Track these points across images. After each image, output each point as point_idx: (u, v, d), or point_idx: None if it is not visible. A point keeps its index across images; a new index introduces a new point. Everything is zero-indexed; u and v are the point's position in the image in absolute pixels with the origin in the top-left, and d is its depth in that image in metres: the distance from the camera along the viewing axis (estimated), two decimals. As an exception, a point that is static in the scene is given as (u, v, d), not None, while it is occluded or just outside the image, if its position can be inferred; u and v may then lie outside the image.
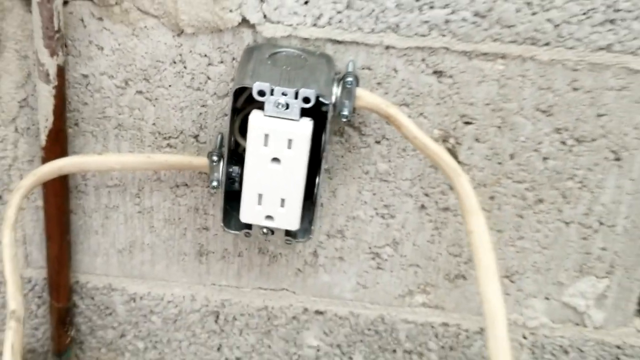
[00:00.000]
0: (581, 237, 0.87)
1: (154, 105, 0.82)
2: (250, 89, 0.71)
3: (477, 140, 0.82)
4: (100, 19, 0.77)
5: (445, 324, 0.95)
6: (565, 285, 0.91)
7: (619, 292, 0.91)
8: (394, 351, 0.97)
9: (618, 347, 0.95)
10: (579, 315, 0.93)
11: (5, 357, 0.72)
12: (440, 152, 0.76)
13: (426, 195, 0.86)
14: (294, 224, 0.77)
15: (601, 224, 0.87)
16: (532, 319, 0.93)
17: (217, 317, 0.96)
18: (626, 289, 0.91)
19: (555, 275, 0.90)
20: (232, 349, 0.99)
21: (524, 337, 0.95)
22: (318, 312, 0.95)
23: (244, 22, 0.77)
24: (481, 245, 0.73)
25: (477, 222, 0.74)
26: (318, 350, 0.98)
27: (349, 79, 0.75)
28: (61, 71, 0.77)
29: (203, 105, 0.82)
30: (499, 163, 0.84)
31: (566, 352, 0.95)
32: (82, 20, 0.77)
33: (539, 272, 0.90)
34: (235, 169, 0.78)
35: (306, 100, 0.71)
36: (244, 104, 0.76)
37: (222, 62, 0.79)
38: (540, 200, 0.86)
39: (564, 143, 0.82)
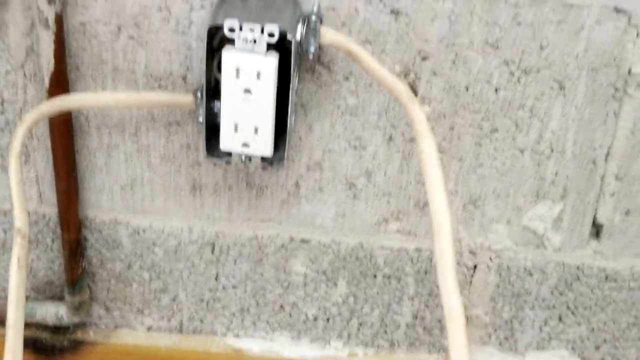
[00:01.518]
0: (535, 163, 0.96)
1: (145, 50, 0.92)
2: (222, 27, 0.81)
3: (434, 74, 0.92)
4: (93, -30, 0.88)
5: (418, 249, 1.04)
6: (524, 210, 1.00)
7: (573, 216, 1.00)
8: (375, 276, 1.06)
9: (577, 267, 1.03)
10: (538, 238, 1.02)
11: (12, 267, 0.83)
12: (394, 81, 0.85)
13: (393, 127, 0.95)
14: (267, 150, 0.87)
15: (552, 150, 0.95)
16: (496, 243, 1.02)
17: (213, 247, 1.06)
18: (580, 212, 0.99)
19: (514, 201, 0.99)
20: (228, 278, 1.09)
21: (490, 260, 1.04)
22: (303, 241, 1.05)
23: (219, -31, 0.87)
24: (429, 163, 0.82)
25: (426, 142, 0.83)
26: (305, 276, 1.07)
27: (313, 17, 0.84)
28: (59, 18, 0.87)
29: (188, 48, 0.92)
30: (456, 95, 0.93)
31: (530, 273, 1.04)
32: (77, -29, 0.88)
33: (499, 197, 0.99)
34: (216, 103, 0.88)
35: (271, 35, 0.80)
36: (220, 43, 0.85)
37: (202, 7, 0.89)
38: (495, 129, 0.94)
39: (512, 74, 0.91)
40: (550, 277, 1.04)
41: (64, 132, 0.96)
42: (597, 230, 1.01)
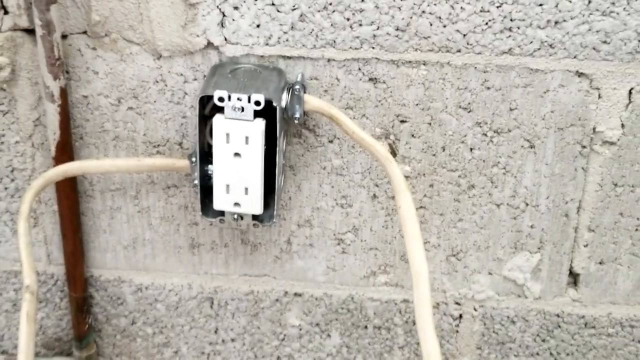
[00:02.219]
0: (511, 216, 1.02)
1: (143, 119, 1.00)
2: (212, 97, 0.88)
3: (412, 135, 0.98)
4: (94, 48, 0.95)
5: (406, 301, 1.10)
6: (503, 260, 1.05)
7: (550, 265, 1.05)
8: (366, 327, 1.12)
9: (557, 315, 1.09)
10: (519, 288, 1.07)
11: (21, 321, 0.89)
12: (373, 143, 0.92)
13: (376, 185, 1.02)
14: (257, 209, 0.94)
15: (527, 204, 1.01)
16: (479, 293, 1.08)
17: (212, 302, 1.12)
18: (557, 262, 1.05)
19: (494, 252, 1.05)
20: (227, 331, 1.14)
21: (475, 309, 1.09)
22: (297, 295, 1.11)
23: (209, 44, 0.94)
24: (407, 217, 0.89)
25: (404, 198, 0.89)
26: (300, 329, 1.13)
27: (297, 86, 0.92)
28: (64, 92, 0.95)
29: (183, 117, 0.99)
30: (434, 155, 0.99)
31: (513, 322, 1.09)
32: (79, 50, 0.96)
33: (479, 249, 1.05)
34: (210, 167, 0.95)
35: (257, 103, 0.88)
36: (211, 111, 0.93)
37: (195, 79, 0.96)
38: (473, 186, 1.01)
39: (485, 135, 0.97)
40: (533, 324, 1.09)
41: (69, 196, 1.03)
42: (574, 279, 1.07)
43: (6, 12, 0.94)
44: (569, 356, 1.11)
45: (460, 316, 1.10)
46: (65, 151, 0.99)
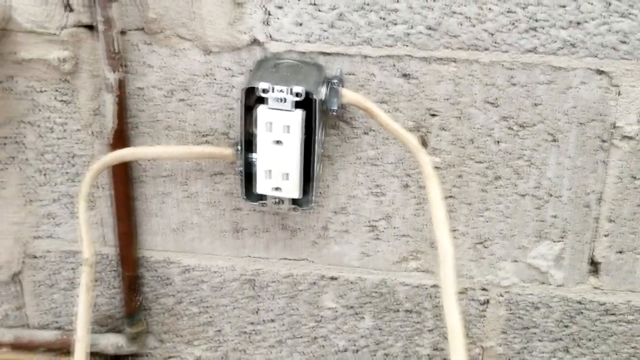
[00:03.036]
0: (535, 206, 1.08)
1: (193, 110, 1.08)
2: (257, 88, 0.96)
3: (442, 129, 1.05)
4: (150, 43, 1.04)
5: (435, 286, 1.16)
6: (528, 248, 1.12)
7: (572, 254, 1.11)
8: (397, 310, 1.19)
9: (579, 302, 1.14)
10: (542, 275, 1.13)
11: (80, 292, 0.98)
12: (404, 134, 0.99)
13: (408, 175, 1.09)
14: (295, 193, 1.01)
15: (550, 195, 1.07)
16: (504, 279, 1.14)
17: (253, 284, 1.20)
18: (578, 250, 1.11)
19: (519, 241, 1.11)
20: (267, 312, 1.22)
21: (500, 295, 1.15)
22: (332, 278, 1.18)
23: (255, 41, 1.02)
24: (435, 202, 0.96)
25: (432, 185, 0.96)
26: (335, 311, 1.20)
27: (335, 81, 0.99)
28: (121, 84, 1.04)
29: (229, 109, 1.07)
30: (462, 147, 1.06)
31: (537, 307, 1.16)
32: (136, 45, 1.04)
33: (505, 238, 1.11)
34: (253, 155, 1.02)
35: (297, 94, 0.95)
36: (255, 102, 1.00)
37: (241, 73, 1.04)
38: (499, 177, 1.07)
39: (510, 128, 1.04)
40: (555, 310, 1.15)
41: (124, 181, 1.12)
42: (595, 267, 1.13)
43: (71, 10, 1.03)
44: (590, 341, 1.17)
45: (487, 301, 1.16)
46: (121, 139, 1.08)
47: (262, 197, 1.04)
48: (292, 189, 1.01)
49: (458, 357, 0.88)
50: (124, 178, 1.11)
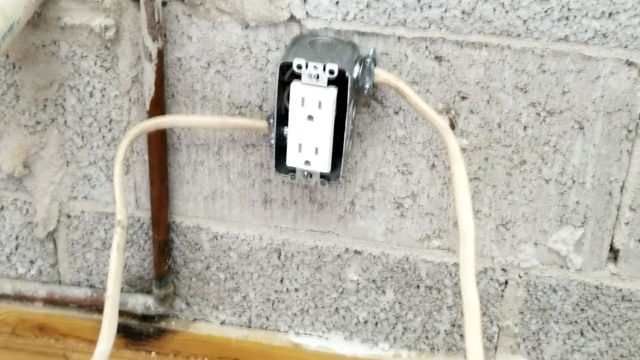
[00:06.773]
0: (558, 192, 1.11)
1: (229, 82, 1.11)
2: (292, 64, 0.99)
3: (471, 112, 1.07)
4: (190, 15, 1.07)
5: (456, 264, 1.19)
6: (549, 232, 1.14)
7: (592, 240, 1.14)
8: (418, 287, 1.22)
9: (596, 287, 1.17)
10: (562, 259, 1.16)
11: (112, 251, 1.02)
12: (433, 114, 1.01)
13: (435, 156, 1.11)
14: (325, 167, 1.04)
15: (574, 181, 1.10)
16: (524, 261, 1.17)
17: (280, 254, 1.24)
18: (598, 237, 1.13)
19: (541, 224, 1.14)
20: (291, 281, 1.26)
21: (519, 277, 1.18)
22: (357, 252, 1.21)
23: (292, 17, 1.05)
24: (459, 182, 0.98)
25: (457, 166, 0.99)
26: (358, 284, 1.24)
27: (368, 60, 1.02)
28: (161, 53, 1.07)
29: (265, 82, 1.10)
30: (490, 130, 1.08)
31: (555, 290, 1.18)
32: (176, 16, 1.07)
33: (527, 221, 1.14)
34: (285, 128, 1.05)
35: (331, 72, 0.98)
36: (290, 77, 1.03)
37: (277, 48, 1.07)
38: (524, 162, 1.10)
39: (538, 115, 1.06)
40: (573, 294, 1.18)
41: (159, 147, 1.15)
42: (614, 254, 1.15)
43: (115, -21, 1.06)
44: (605, 326, 1.19)
45: (506, 282, 1.19)
46: (158, 107, 1.11)
47: (292, 170, 1.07)
48: (322, 164, 1.04)
49: (473, 332, 0.91)
50: (159, 145, 1.15)
